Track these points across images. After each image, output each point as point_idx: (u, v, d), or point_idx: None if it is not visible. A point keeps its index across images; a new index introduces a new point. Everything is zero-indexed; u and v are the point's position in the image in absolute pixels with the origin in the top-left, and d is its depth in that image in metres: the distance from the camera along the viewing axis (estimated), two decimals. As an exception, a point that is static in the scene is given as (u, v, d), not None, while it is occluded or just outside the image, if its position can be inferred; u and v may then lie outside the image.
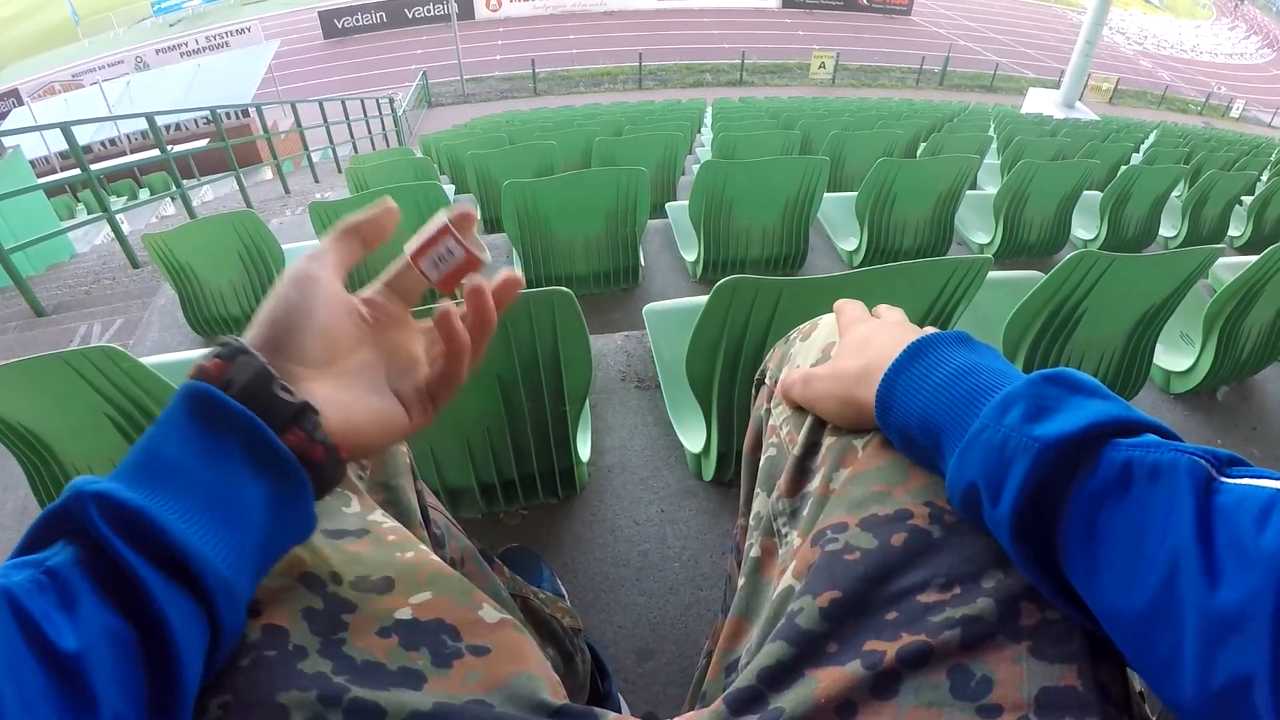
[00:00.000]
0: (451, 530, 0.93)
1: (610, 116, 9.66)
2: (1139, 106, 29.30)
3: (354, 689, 0.54)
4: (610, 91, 25.44)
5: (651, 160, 5.16)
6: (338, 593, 0.62)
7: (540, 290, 1.43)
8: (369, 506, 0.73)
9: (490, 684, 0.60)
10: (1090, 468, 0.52)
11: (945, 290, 1.68)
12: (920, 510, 0.64)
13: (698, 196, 3.54)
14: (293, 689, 0.53)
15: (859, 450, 0.72)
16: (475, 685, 0.59)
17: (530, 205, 3.31)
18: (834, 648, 0.59)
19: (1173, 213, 5.26)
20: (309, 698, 0.53)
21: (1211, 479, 0.48)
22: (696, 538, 1.79)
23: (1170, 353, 2.60)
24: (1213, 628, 0.43)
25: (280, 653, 0.56)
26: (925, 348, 0.69)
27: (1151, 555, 0.47)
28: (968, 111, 12.67)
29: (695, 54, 29.40)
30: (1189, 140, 10.51)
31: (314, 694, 0.53)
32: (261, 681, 0.54)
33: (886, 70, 29.86)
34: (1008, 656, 0.54)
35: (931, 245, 4.17)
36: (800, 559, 0.67)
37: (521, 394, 1.60)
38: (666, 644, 1.55)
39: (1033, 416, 0.55)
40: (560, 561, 1.73)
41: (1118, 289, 2.02)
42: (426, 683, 0.57)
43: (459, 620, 0.63)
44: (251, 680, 0.54)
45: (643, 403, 2.26)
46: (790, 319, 1.50)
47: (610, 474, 1.98)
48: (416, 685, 0.57)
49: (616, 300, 3.64)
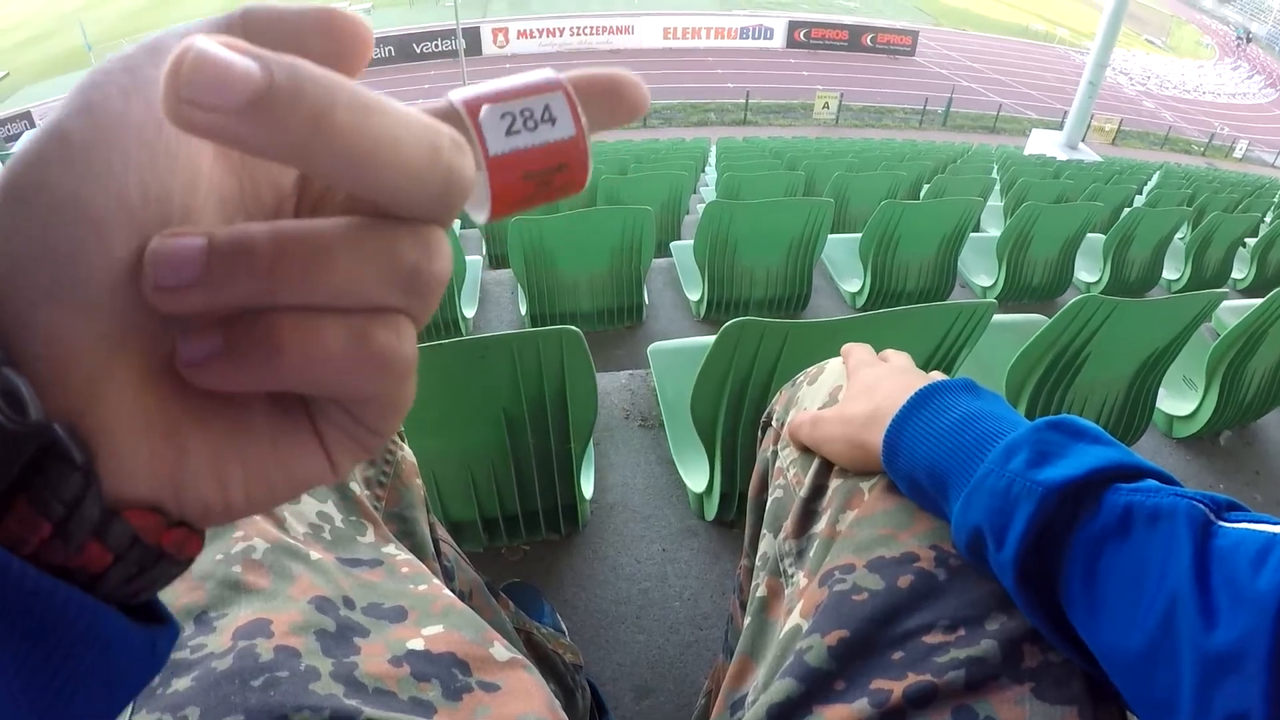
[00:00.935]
0: (460, 563, 0.93)
1: (615, 155, 9.71)
2: (1142, 147, 29.43)
3: (367, 710, 0.55)
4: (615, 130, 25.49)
5: (656, 199, 5.19)
6: (350, 617, 0.62)
7: (549, 329, 1.44)
8: (384, 538, 0.74)
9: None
10: (1092, 512, 0.54)
11: (950, 334, 1.69)
12: (926, 554, 0.65)
13: (702, 237, 3.56)
14: (305, 708, 0.54)
15: (865, 493, 0.73)
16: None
17: (536, 242, 3.33)
18: (842, 685, 0.60)
19: (1176, 255, 5.28)
20: (322, 717, 0.54)
21: (1209, 523, 0.49)
22: (697, 577, 1.79)
23: (1173, 397, 2.60)
24: (1209, 667, 0.44)
25: (293, 673, 0.56)
26: (932, 394, 0.70)
27: (1150, 597, 0.49)
28: (971, 153, 12.73)
29: (700, 93, 29.59)
30: (1192, 182, 10.55)
31: (327, 713, 0.54)
32: (273, 701, 0.54)
33: (890, 111, 30.05)
34: (1010, 697, 0.55)
35: (934, 288, 4.18)
36: (808, 599, 0.68)
37: (527, 430, 1.60)
38: (666, 682, 1.55)
39: (1036, 462, 0.57)
40: (561, 598, 1.73)
41: (1121, 334, 2.03)
42: (436, 714, 0.58)
43: (470, 655, 0.63)
44: (264, 700, 0.54)
45: (645, 441, 2.26)
46: (796, 361, 1.51)
47: (612, 511, 1.98)
48: (426, 716, 0.57)
49: (620, 338, 3.65)
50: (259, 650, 0.57)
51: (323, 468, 0.33)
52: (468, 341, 1.40)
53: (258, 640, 0.57)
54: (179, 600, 0.61)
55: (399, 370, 0.29)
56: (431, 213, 0.29)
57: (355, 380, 0.29)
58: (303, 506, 0.72)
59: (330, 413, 0.32)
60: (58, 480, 0.26)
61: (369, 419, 0.32)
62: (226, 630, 0.59)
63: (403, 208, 0.28)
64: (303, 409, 0.32)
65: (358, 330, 0.28)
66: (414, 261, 0.28)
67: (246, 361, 0.27)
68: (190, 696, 0.54)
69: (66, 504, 0.26)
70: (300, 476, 0.32)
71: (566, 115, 0.32)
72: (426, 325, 2.53)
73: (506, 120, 0.31)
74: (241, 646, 0.57)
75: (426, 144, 0.27)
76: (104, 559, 0.28)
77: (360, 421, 0.32)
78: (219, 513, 0.31)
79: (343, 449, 0.33)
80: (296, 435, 0.32)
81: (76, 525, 0.26)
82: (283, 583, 0.63)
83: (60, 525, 0.26)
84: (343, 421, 0.32)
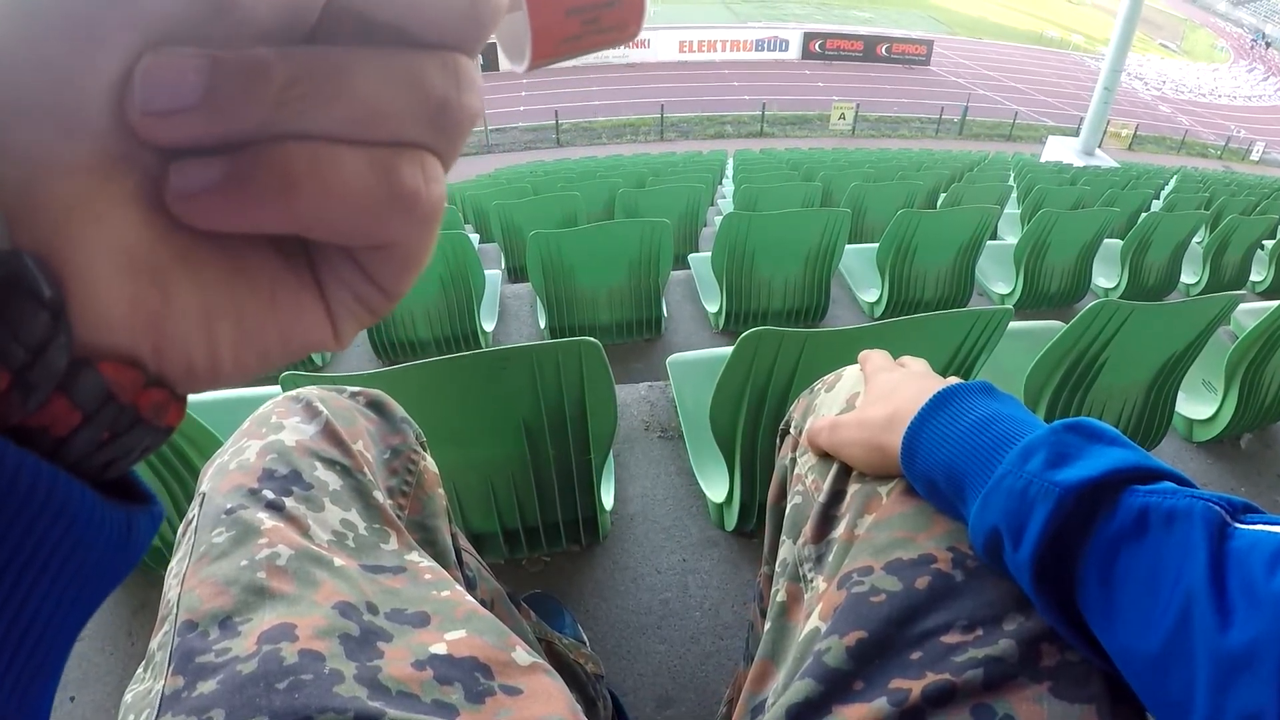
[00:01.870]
0: (482, 573, 0.94)
1: (633, 168, 9.72)
2: (1158, 152, 29.21)
3: (390, 712, 0.55)
4: (633, 142, 25.54)
5: (674, 211, 5.20)
6: (374, 622, 0.63)
7: (568, 340, 1.45)
8: (406, 545, 0.74)
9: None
10: (1108, 513, 0.54)
11: (967, 341, 1.69)
12: (943, 555, 0.65)
13: (720, 248, 3.57)
14: (329, 710, 0.54)
15: (883, 497, 0.74)
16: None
17: (555, 255, 3.35)
18: (860, 685, 0.60)
19: (1194, 259, 5.24)
20: (346, 719, 0.54)
21: (1225, 525, 0.49)
22: (718, 587, 1.79)
23: (1192, 401, 2.59)
24: (1224, 667, 0.44)
25: (317, 676, 0.56)
26: (950, 397, 0.71)
27: (1165, 597, 0.49)
28: (987, 161, 12.68)
29: (716, 105, 29.58)
30: (1209, 185, 10.47)
31: (350, 715, 0.54)
32: (298, 703, 0.54)
33: (906, 120, 29.97)
34: (1029, 696, 0.55)
35: (952, 296, 4.17)
36: (826, 601, 0.68)
37: (547, 441, 1.61)
38: (687, 692, 1.55)
39: (1054, 463, 0.57)
40: (582, 608, 1.74)
41: (1138, 338, 2.03)
42: (458, 717, 0.58)
43: (492, 659, 0.64)
44: (288, 702, 0.54)
45: (665, 452, 2.27)
46: (814, 370, 1.52)
47: (633, 522, 1.99)
48: (449, 718, 0.58)
49: (639, 350, 3.65)
50: (283, 654, 0.57)
51: (324, 330, 0.30)
52: (488, 353, 1.41)
53: (282, 644, 0.58)
54: (204, 605, 0.62)
55: (425, 213, 0.27)
56: (460, 35, 0.26)
57: (376, 222, 0.26)
58: (326, 514, 0.73)
59: (338, 265, 0.29)
60: (19, 319, 0.22)
61: (381, 274, 0.29)
62: (251, 634, 0.59)
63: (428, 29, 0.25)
64: (306, 260, 0.29)
65: (382, 164, 0.25)
66: (443, 91, 0.26)
67: (252, 195, 0.24)
68: (215, 699, 0.55)
69: (29, 349, 0.22)
70: (297, 338, 0.29)
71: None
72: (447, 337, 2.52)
73: None
74: (266, 650, 0.58)
75: None
76: (70, 418, 0.24)
77: (371, 277, 0.29)
78: (204, 374, 0.27)
79: (347, 310, 0.30)
80: (298, 290, 0.29)
81: (40, 374, 0.23)
82: (307, 588, 0.64)
83: (20, 374, 0.22)
84: (351, 276, 0.29)
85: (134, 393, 0.25)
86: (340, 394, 0.89)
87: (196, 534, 0.69)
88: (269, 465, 0.75)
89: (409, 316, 3.49)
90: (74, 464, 0.25)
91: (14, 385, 0.22)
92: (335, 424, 0.81)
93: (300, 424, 0.80)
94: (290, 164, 0.24)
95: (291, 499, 0.72)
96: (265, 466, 0.74)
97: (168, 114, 0.23)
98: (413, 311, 3.47)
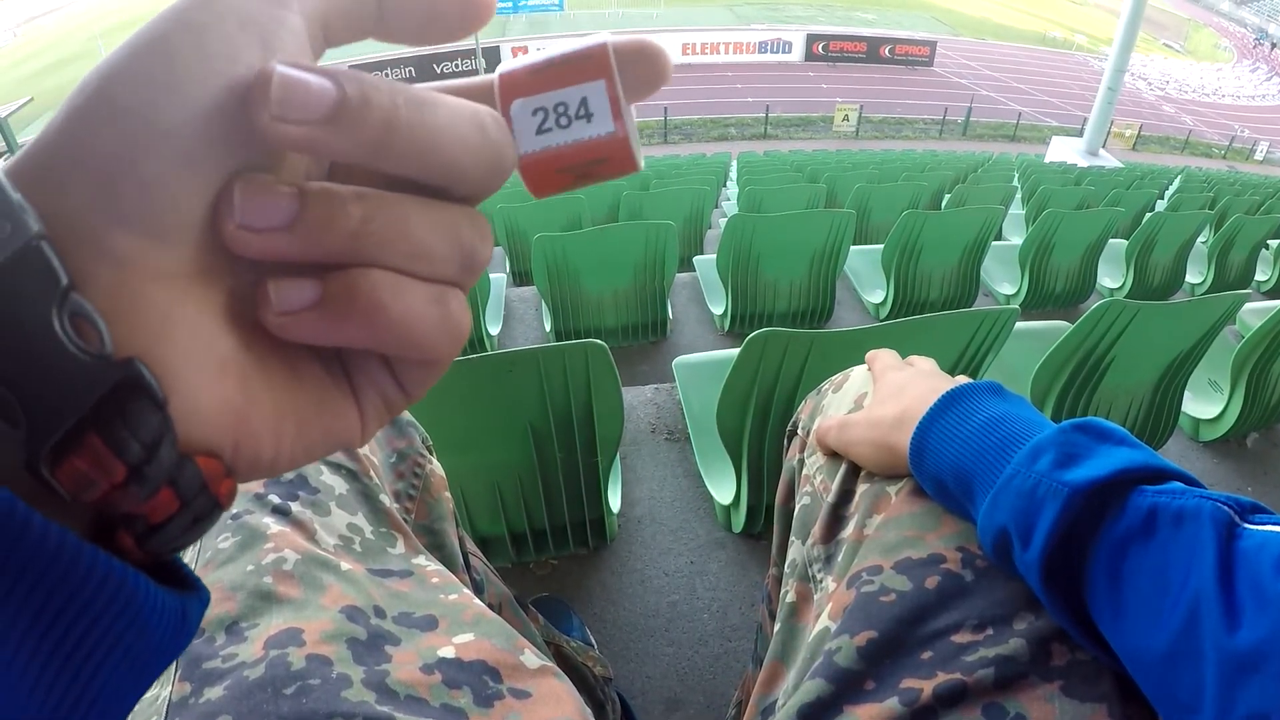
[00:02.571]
0: (489, 576, 0.94)
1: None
2: (1162, 152, 29.15)
3: (399, 716, 0.55)
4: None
5: (678, 214, 5.20)
6: (381, 625, 0.63)
7: (574, 342, 1.45)
8: (414, 549, 0.75)
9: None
10: (1117, 513, 0.54)
11: (973, 342, 1.69)
12: (952, 555, 0.65)
13: (725, 251, 3.57)
14: (337, 715, 0.54)
15: (892, 496, 0.74)
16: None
17: (560, 259, 3.35)
18: (871, 685, 0.60)
19: (1198, 259, 5.23)
20: None
21: (1234, 525, 0.49)
22: (726, 589, 1.79)
23: (1198, 400, 2.59)
24: (1232, 668, 0.44)
25: (324, 681, 0.56)
26: (959, 397, 0.71)
27: (1174, 598, 0.49)
28: (991, 161, 12.66)
29: (720, 108, 29.56)
30: (1213, 185, 10.44)
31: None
32: (305, 709, 0.54)
33: (910, 121, 29.95)
34: (1040, 695, 0.55)
35: (957, 297, 4.17)
36: (836, 601, 0.68)
37: (554, 444, 1.61)
38: (695, 695, 1.55)
39: (1063, 463, 0.57)
40: (590, 611, 1.74)
41: (1144, 337, 2.03)
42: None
43: (501, 663, 0.64)
44: (296, 707, 0.54)
45: (672, 455, 2.27)
46: (820, 371, 1.52)
47: (640, 525, 1.99)
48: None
49: (645, 353, 3.66)
50: (290, 659, 0.58)
51: (355, 427, 0.33)
52: (494, 357, 1.41)
53: (289, 649, 0.58)
54: (211, 611, 0.61)
55: (463, 336, 0.31)
56: (484, 186, 0.30)
57: (433, 342, 0.30)
58: (332, 519, 0.73)
59: (374, 373, 0.33)
60: (138, 419, 0.25)
61: (411, 380, 0.34)
62: (258, 640, 0.59)
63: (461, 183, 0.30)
64: (342, 370, 0.33)
65: (439, 296, 0.30)
66: (470, 242, 0.31)
67: (345, 315, 0.28)
68: (223, 705, 0.55)
69: (145, 445, 0.25)
70: (335, 435, 0.33)
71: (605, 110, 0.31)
72: None
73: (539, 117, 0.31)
74: (273, 655, 0.58)
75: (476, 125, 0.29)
76: (170, 507, 0.27)
77: (401, 384, 0.34)
78: (265, 466, 0.30)
79: (375, 410, 0.34)
80: (339, 394, 0.33)
81: (155, 469, 0.25)
82: (314, 593, 0.64)
83: (137, 468, 0.25)
84: (383, 383, 0.33)
85: (218, 483, 0.28)
86: None
87: (202, 539, 0.69)
88: None
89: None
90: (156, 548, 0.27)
91: (130, 478, 0.25)
92: None
93: None
94: (378, 291, 0.28)
95: (297, 504, 0.72)
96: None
97: (261, 230, 0.26)
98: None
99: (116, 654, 0.26)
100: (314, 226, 0.27)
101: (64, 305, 0.23)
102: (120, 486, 0.25)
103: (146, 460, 0.25)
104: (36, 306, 0.23)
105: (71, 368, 0.23)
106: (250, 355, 0.29)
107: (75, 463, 0.24)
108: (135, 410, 0.24)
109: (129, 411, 0.24)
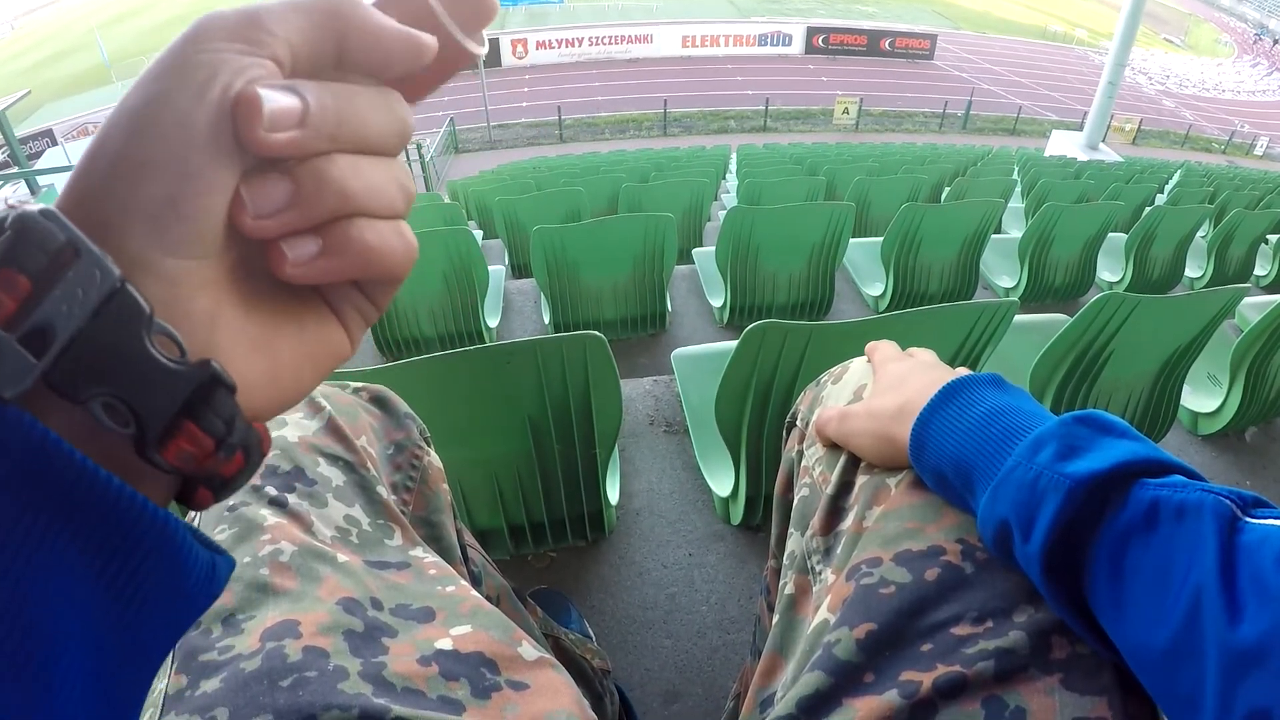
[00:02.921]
0: (488, 569, 0.94)
1: (636, 163, 9.70)
2: (1162, 146, 29.11)
3: (395, 708, 0.55)
4: (636, 138, 25.47)
5: (678, 206, 5.19)
6: (378, 618, 0.63)
7: (572, 334, 1.45)
8: (411, 541, 0.75)
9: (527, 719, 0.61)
10: (1118, 506, 0.54)
11: (972, 334, 1.69)
12: (952, 547, 0.65)
13: (724, 243, 3.56)
14: (334, 707, 0.54)
15: (892, 488, 0.74)
16: (513, 719, 0.60)
17: (559, 251, 3.34)
18: (870, 678, 0.60)
19: (1198, 253, 5.23)
20: (351, 716, 0.54)
21: (1235, 519, 0.49)
22: (724, 581, 1.79)
23: (1198, 394, 2.58)
24: (1233, 662, 0.44)
25: (321, 673, 0.57)
26: (960, 388, 0.70)
27: (1175, 592, 0.49)
28: (991, 155, 12.65)
29: (719, 100, 29.53)
30: (1213, 179, 10.43)
31: (355, 712, 0.54)
32: (302, 701, 0.54)
33: (910, 115, 29.90)
34: (1040, 688, 0.55)
35: (957, 290, 4.16)
36: (835, 593, 0.68)
37: (552, 436, 1.61)
38: (694, 687, 1.55)
39: (1064, 455, 0.57)
40: (588, 603, 1.74)
41: (1144, 331, 2.02)
42: (465, 712, 0.58)
43: (498, 654, 0.64)
44: (292, 700, 0.54)
45: (670, 447, 2.27)
46: (819, 363, 1.52)
47: (638, 517, 1.99)
48: (456, 714, 0.58)
49: (644, 345, 3.65)
50: (287, 651, 0.58)
51: (345, 341, 0.41)
52: (492, 348, 1.41)
53: (286, 641, 0.58)
54: None
55: (416, 255, 0.39)
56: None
57: (399, 260, 0.38)
58: (330, 510, 0.73)
59: (352, 298, 0.41)
60: (220, 404, 0.33)
61: (379, 295, 0.42)
62: (254, 632, 0.59)
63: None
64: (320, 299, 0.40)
65: (399, 229, 0.38)
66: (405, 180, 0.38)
67: (343, 256, 0.36)
68: (219, 697, 0.55)
69: (225, 422, 0.33)
70: (334, 354, 0.41)
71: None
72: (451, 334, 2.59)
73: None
74: (270, 647, 0.58)
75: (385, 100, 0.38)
76: (239, 464, 0.35)
77: (372, 299, 0.41)
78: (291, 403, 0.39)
79: (356, 325, 0.42)
80: (330, 324, 0.40)
81: (235, 438, 0.34)
82: (310, 584, 0.64)
83: (222, 440, 0.33)
84: (358, 302, 0.41)
85: (266, 439, 0.37)
86: (343, 390, 0.89)
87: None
88: (271, 461, 0.74)
89: (413, 313, 3.48)
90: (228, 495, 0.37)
91: (218, 448, 0.33)
92: (338, 420, 0.81)
93: (303, 420, 0.80)
94: (365, 234, 0.36)
95: (294, 495, 0.72)
96: (268, 463, 0.74)
97: (273, 214, 0.34)
98: (417, 308, 3.47)
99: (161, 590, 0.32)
100: (310, 195, 0.34)
101: (150, 328, 0.30)
102: (211, 455, 0.33)
103: (228, 433, 0.33)
104: (131, 333, 0.30)
105: (165, 376, 0.31)
106: (267, 327, 0.37)
107: (179, 444, 0.32)
108: (217, 398, 0.33)
109: (212, 400, 0.32)
